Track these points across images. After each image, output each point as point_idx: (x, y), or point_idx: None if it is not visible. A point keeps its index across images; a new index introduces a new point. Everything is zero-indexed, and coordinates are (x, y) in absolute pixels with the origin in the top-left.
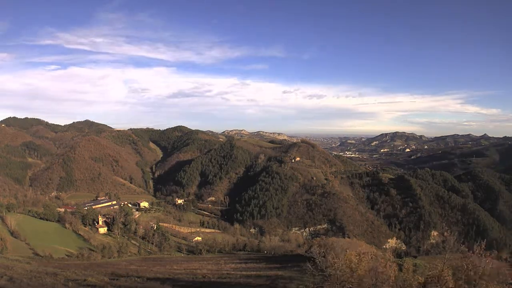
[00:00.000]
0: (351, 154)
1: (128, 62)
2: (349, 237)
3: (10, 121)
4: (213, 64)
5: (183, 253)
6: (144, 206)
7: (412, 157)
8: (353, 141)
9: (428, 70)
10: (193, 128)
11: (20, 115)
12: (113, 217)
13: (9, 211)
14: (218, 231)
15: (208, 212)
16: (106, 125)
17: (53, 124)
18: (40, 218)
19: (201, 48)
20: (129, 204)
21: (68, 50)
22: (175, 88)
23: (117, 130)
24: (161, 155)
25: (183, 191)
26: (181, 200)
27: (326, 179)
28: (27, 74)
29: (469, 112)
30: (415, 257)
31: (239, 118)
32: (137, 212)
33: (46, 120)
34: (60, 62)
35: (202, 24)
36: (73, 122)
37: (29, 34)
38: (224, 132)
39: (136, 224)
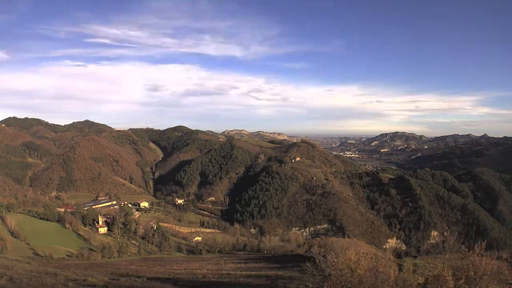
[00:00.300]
0: (351, 154)
1: (157, 58)
2: (349, 237)
3: (10, 121)
4: (254, 60)
5: (183, 253)
6: (144, 206)
7: (412, 157)
8: (353, 141)
9: (445, 71)
10: (193, 128)
11: (21, 115)
12: (113, 217)
13: (9, 211)
14: (218, 231)
15: (208, 212)
16: (106, 125)
17: (53, 124)
18: (40, 218)
19: (251, 42)
20: (129, 204)
21: (90, 44)
22: (198, 86)
23: (117, 130)
24: (161, 155)
25: (183, 191)
26: (181, 200)
27: (326, 179)
28: (53, 70)
29: (482, 112)
30: (415, 257)
31: (254, 118)
32: (137, 212)
33: (46, 120)
34: (78, 56)
35: (261, 16)
36: (73, 122)
37: (50, 24)
38: (224, 132)
39: (136, 224)
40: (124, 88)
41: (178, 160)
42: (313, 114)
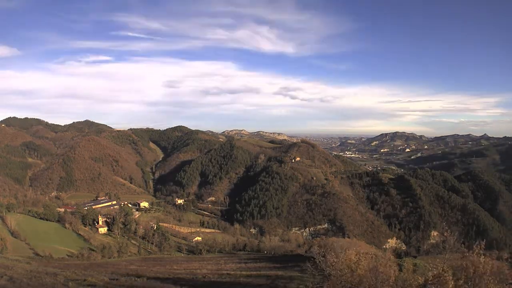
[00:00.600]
0: (351, 154)
1: (191, 52)
2: (349, 237)
3: (10, 121)
4: (303, 58)
5: (183, 253)
6: (144, 206)
7: (412, 157)
8: (353, 141)
9: (467, 72)
10: (193, 128)
11: (21, 114)
12: (113, 217)
13: (9, 211)
14: (218, 231)
15: (208, 212)
16: (106, 125)
17: (53, 124)
18: (40, 218)
19: (310, 39)
20: (129, 204)
21: (113, 37)
22: (221, 84)
23: (117, 130)
24: (161, 155)
25: (183, 191)
26: (181, 200)
27: (326, 179)
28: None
29: (493, 113)
30: (415, 257)
31: (273, 119)
32: (137, 212)
33: (46, 120)
34: (93, 51)
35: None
36: (73, 122)
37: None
38: (224, 132)
39: (136, 224)
40: (142, 86)
41: (178, 160)
42: (329, 114)
